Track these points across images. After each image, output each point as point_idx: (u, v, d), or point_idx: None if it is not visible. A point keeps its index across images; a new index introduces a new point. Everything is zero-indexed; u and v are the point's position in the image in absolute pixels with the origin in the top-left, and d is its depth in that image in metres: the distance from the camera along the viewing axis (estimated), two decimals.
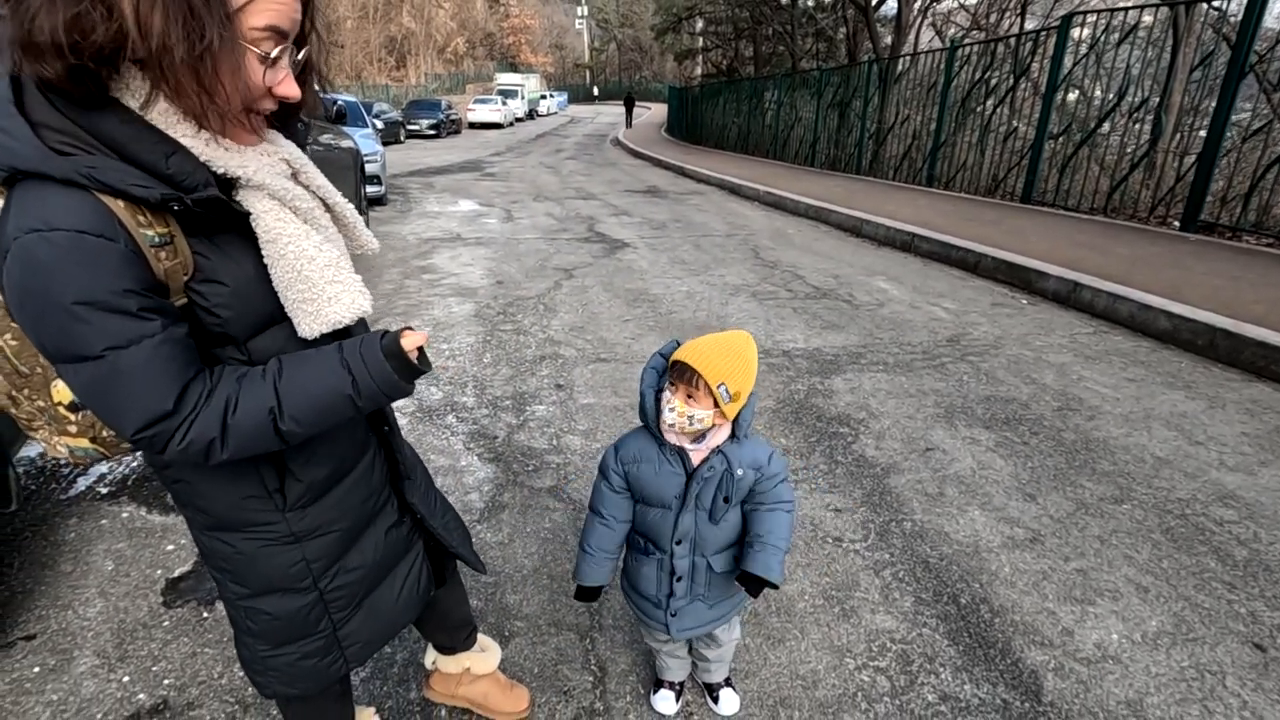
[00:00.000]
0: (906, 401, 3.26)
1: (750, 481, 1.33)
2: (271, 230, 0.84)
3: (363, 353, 0.88)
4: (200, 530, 1.01)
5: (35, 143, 0.70)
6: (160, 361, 0.77)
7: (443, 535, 1.27)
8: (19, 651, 1.70)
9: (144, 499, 2.33)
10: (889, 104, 11.27)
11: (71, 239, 0.70)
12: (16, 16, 0.66)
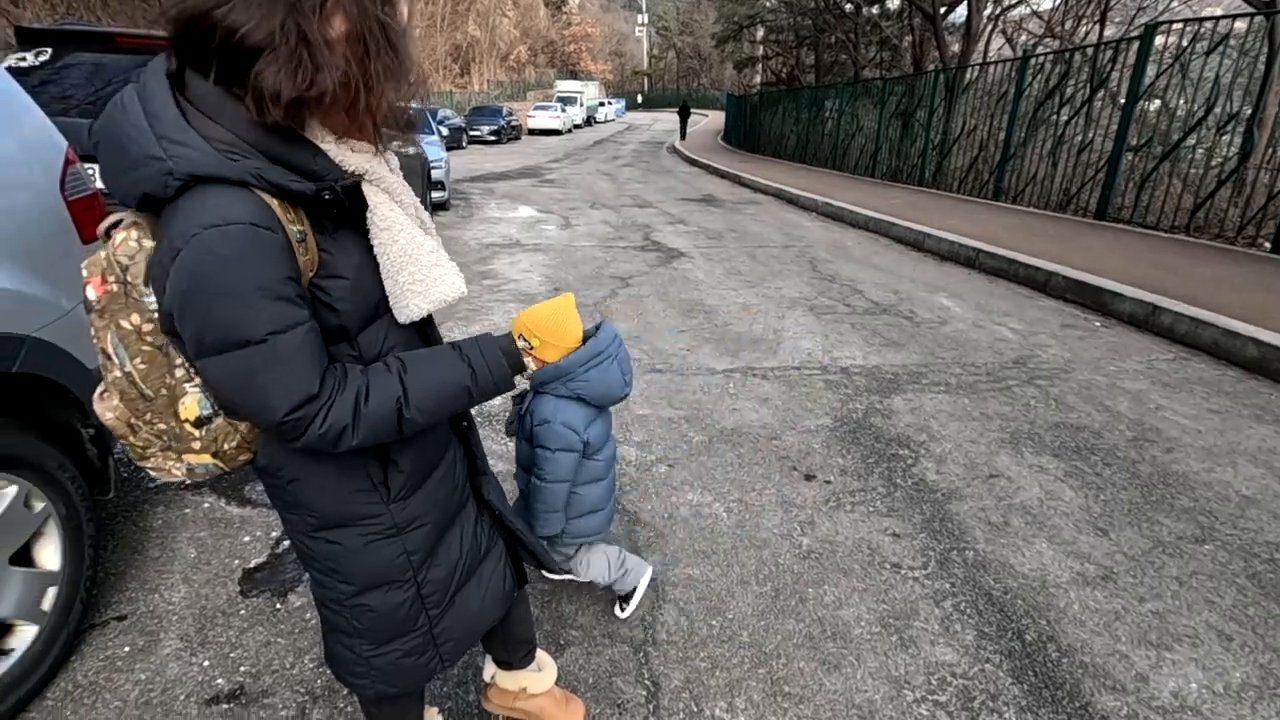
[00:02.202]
0: (969, 425, 3.17)
1: (529, 426, 1.66)
2: (387, 219, 0.94)
3: (481, 348, 1.02)
4: (306, 534, 1.07)
5: (211, 152, 0.81)
6: (308, 347, 0.86)
7: (521, 531, 1.32)
8: (112, 631, 1.81)
9: (223, 491, 2.46)
10: (955, 114, 10.98)
11: (247, 231, 0.80)
12: (261, 82, 0.79)
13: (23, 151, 1.68)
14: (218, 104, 0.83)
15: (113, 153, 0.83)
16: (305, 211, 0.88)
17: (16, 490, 1.55)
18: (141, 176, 0.81)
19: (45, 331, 1.60)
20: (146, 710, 1.59)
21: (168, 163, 0.79)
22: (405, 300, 0.97)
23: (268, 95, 0.79)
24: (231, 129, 0.83)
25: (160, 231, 0.84)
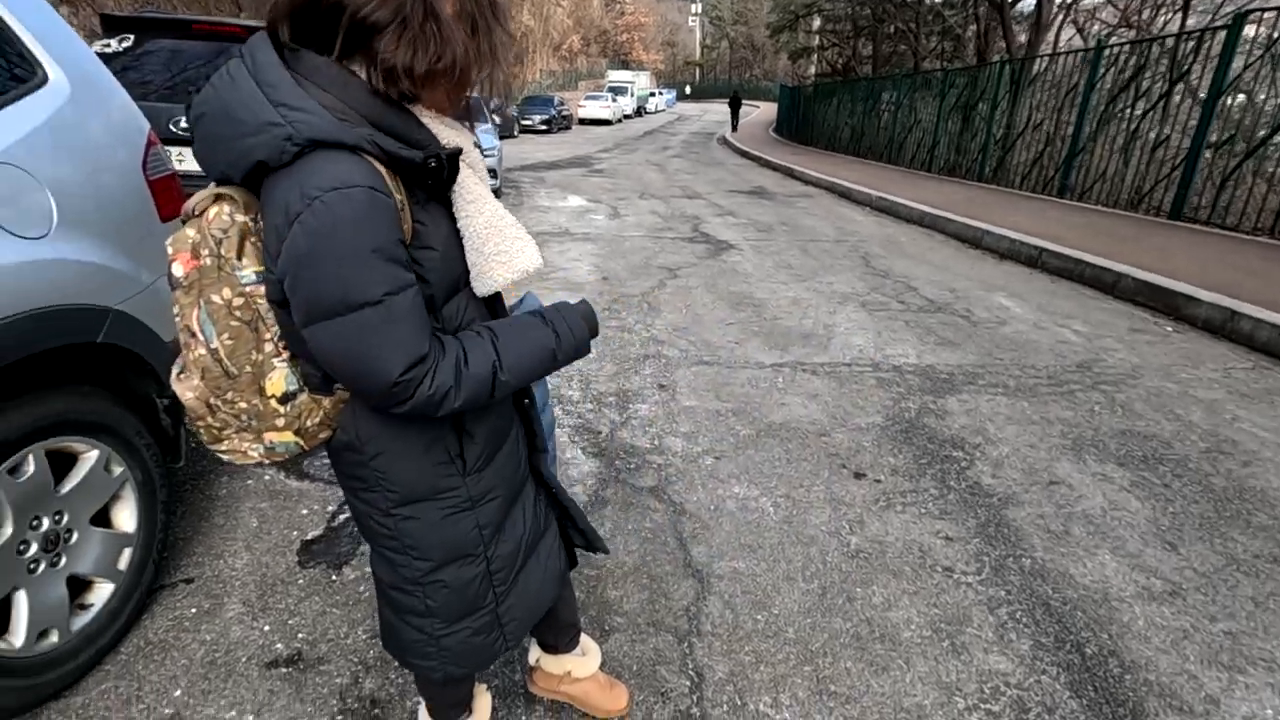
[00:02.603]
0: (1029, 429, 3.06)
1: None
2: (473, 191, 0.98)
3: (562, 314, 1.08)
4: (385, 512, 1.08)
5: (330, 118, 0.83)
6: (418, 309, 0.89)
7: (574, 511, 1.34)
8: (180, 592, 1.90)
9: (282, 465, 2.55)
10: (1020, 107, 10.57)
11: (367, 194, 0.83)
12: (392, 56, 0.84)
13: (110, 133, 1.76)
14: (334, 76, 0.86)
15: (221, 123, 0.85)
16: (402, 181, 0.90)
17: (98, 454, 1.63)
18: (256, 144, 0.82)
19: (127, 304, 1.67)
20: (211, 670, 1.66)
21: (287, 128, 0.81)
22: (489, 271, 0.99)
23: (399, 68, 0.84)
24: (343, 99, 0.85)
25: (265, 200, 0.86)
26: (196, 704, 1.57)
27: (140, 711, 1.54)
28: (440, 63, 0.85)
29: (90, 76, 1.75)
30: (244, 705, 1.57)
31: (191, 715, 1.54)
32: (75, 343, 1.53)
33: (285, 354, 0.95)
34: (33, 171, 1.48)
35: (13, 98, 1.52)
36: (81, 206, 1.59)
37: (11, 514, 1.42)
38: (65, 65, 1.68)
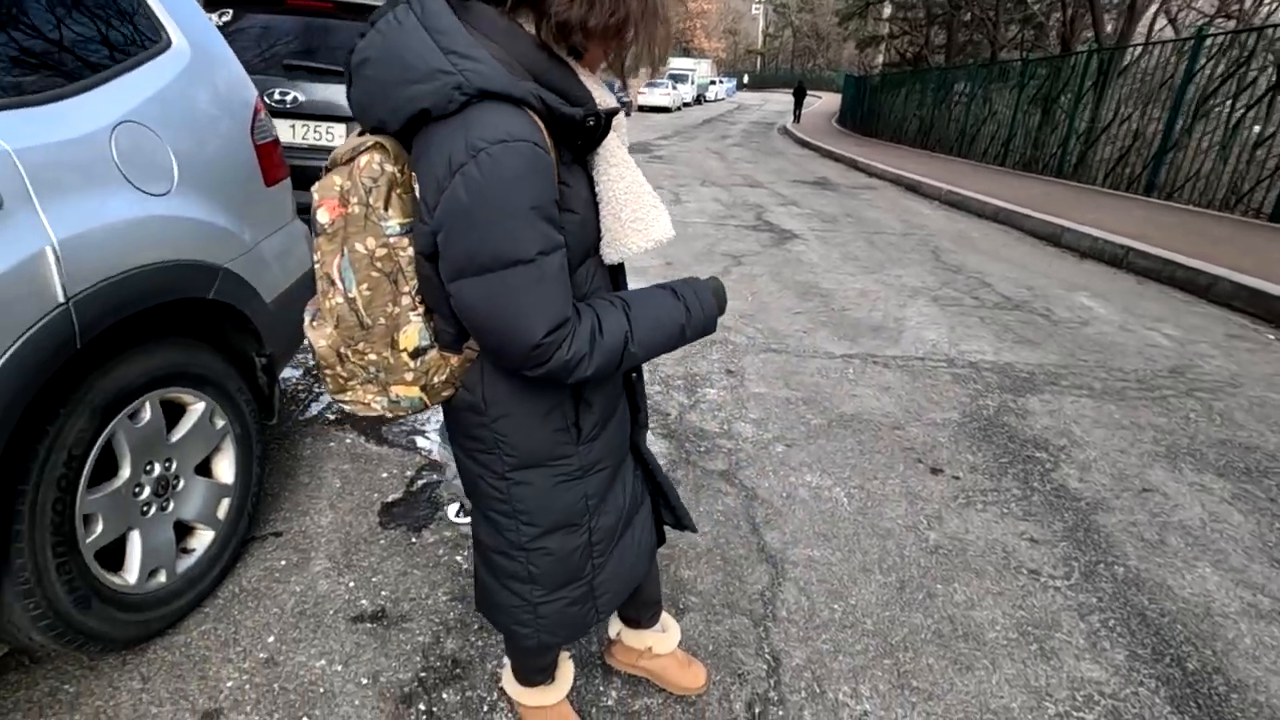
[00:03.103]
0: (1117, 433, 2.91)
1: None
2: (616, 155, 0.96)
3: (694, 289, 1.05)
4: (500, 476, 1.08)
5: (502, 69, 0.81)
6: (564, 272, 0.88)
7: (668, 488, 1.33)
8: (270, 545, 1.97)
9: (362, 429, 2.62)
10: (1106, 100, 10.04)
11: (531, 149, 0.81)
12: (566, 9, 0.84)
13: (223, 97, 1.82)
14: (503, 27, 0.85)
15: (386, 68, 0.83)
16: (554, 140, 0.88)
17: (204, 407, 1.70)
18: (423, 91, 0.80)
19: (234, 264, 1.73)
20: (301, 619, 1.72)
21: (457, 76, 0.79)
22: (624, 238, 0.97)
23: (574, 22, 0.84)
24: (511, 51, 0.85)
25: (422, 150, 0.84)
26: (289, 650, 1.63)
27: (237, 654, 1.61)
28: (613, 18, 0.85)
29: (207, 42, 1.81)
30: (333, 655, 1.62)
31: (285, 661, 1.60)
32: (190, 297, 1.59)
33: (421, 308, 0.95)
34: (158, 131, 1.54)
35: (142, 59, 1.58)
36: (198, 167, 1.65)
37: (130, 457, 1.49)
38: (186, 31, 1.74)
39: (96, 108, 1.41)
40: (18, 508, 1.26)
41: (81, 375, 1.36)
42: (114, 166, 1.41)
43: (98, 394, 1.38)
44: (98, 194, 1.36)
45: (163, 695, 1.49)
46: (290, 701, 1.50)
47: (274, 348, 1.95)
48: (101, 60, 1.50)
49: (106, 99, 1.45)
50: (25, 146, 1.22)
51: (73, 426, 1.34)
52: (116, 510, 1.48)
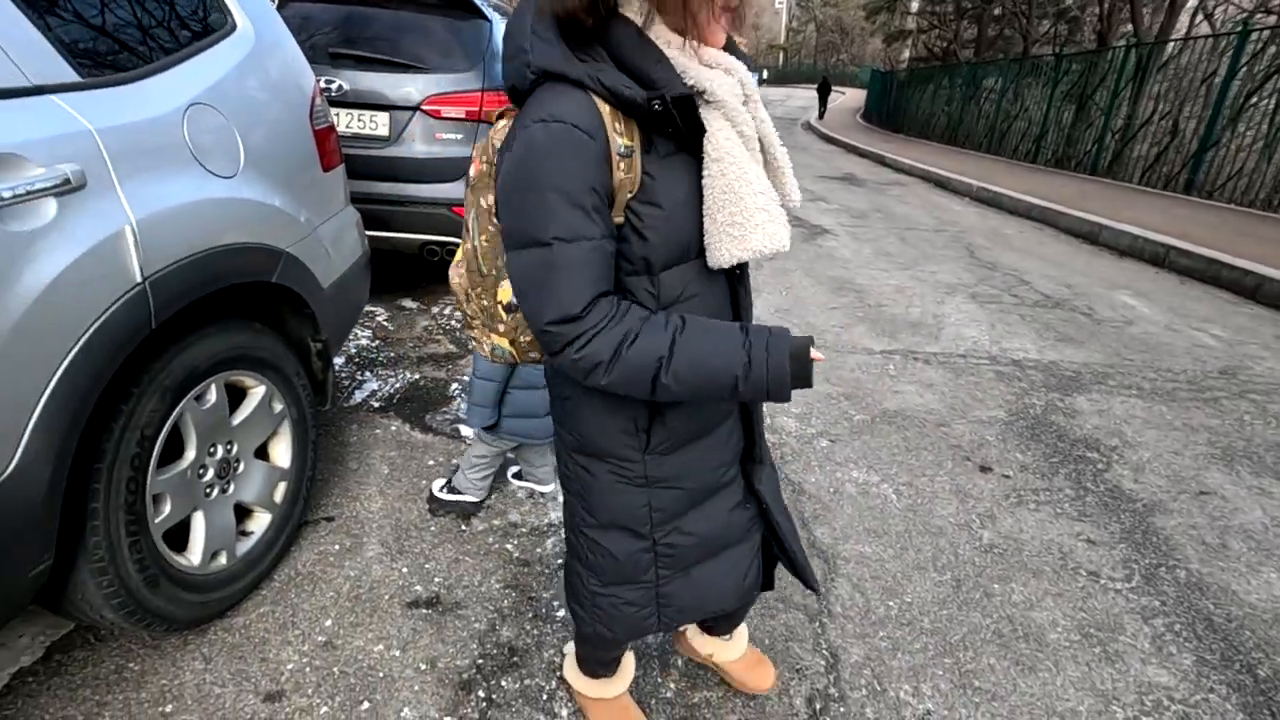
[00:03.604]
0: (1170, 435, 2.84)
1: None
2: (720, 148, 0.86)
3: (770, 342, 0.88)
4: (567, 453, 1.09)
5: (563, 49, 0.81)
6: (586, 266, 0.82)
7: (784, 532, 1.21)
8: (323, 529, 1.98)
9: (407, 416, 2.63)
10: (1144, 96, 9.82)
11: (567, 131, 0.79)
12: None
13: (284, 81, 1.82)
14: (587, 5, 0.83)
15: (506, 43, 0.89)
16: (640, 127, 0.84)
17: (265, 390, 1.71)
18: (513, 68, 0.85)
19: (295, 248, 1.74)
20: (357, 604, 1.72)
21: (529, 55, 0.81)
22: (719, 243, 0.89)
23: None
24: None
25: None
26: (347, 635, 1.63)
27: (296, 636, 1.62)
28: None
29: (269, 26, 1.82)
30: (390, 640, 1.62)
31: (343, 645, 1.60)
32: (255, 281, 1.59)
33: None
34: (226, 114, 1.54)
35: (210, 42, 1.58)
36: (262, 150, 1.65)
37: (196, 439, 1.50)
38: (250, 14, 1.75)
39: (170, 89, 1.42)
40: (94, 486, 1.27)
41: (154, 356, 1.36)
42: (186, 148, 1.41)
43: (169, 375, 1.38)
44: (171, 175, 1.36)
45: (225, 676, 1.50)
46: (350, 685, 1.50)
47: (329, 333, 1.95)
48: (173, 42, 1.51)
49: (179, 80, 1.45)
50: (106, 126, 1.23)
51: (145, 406, 1.35)
52: (183, 491, 1.49)
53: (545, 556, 1.94)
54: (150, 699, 1.43)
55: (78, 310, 1.15)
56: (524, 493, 2.22)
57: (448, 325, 3.57)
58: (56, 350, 1.12)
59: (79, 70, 1.24)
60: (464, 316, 1.10)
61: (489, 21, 3.66)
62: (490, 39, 3.60)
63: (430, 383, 2.91)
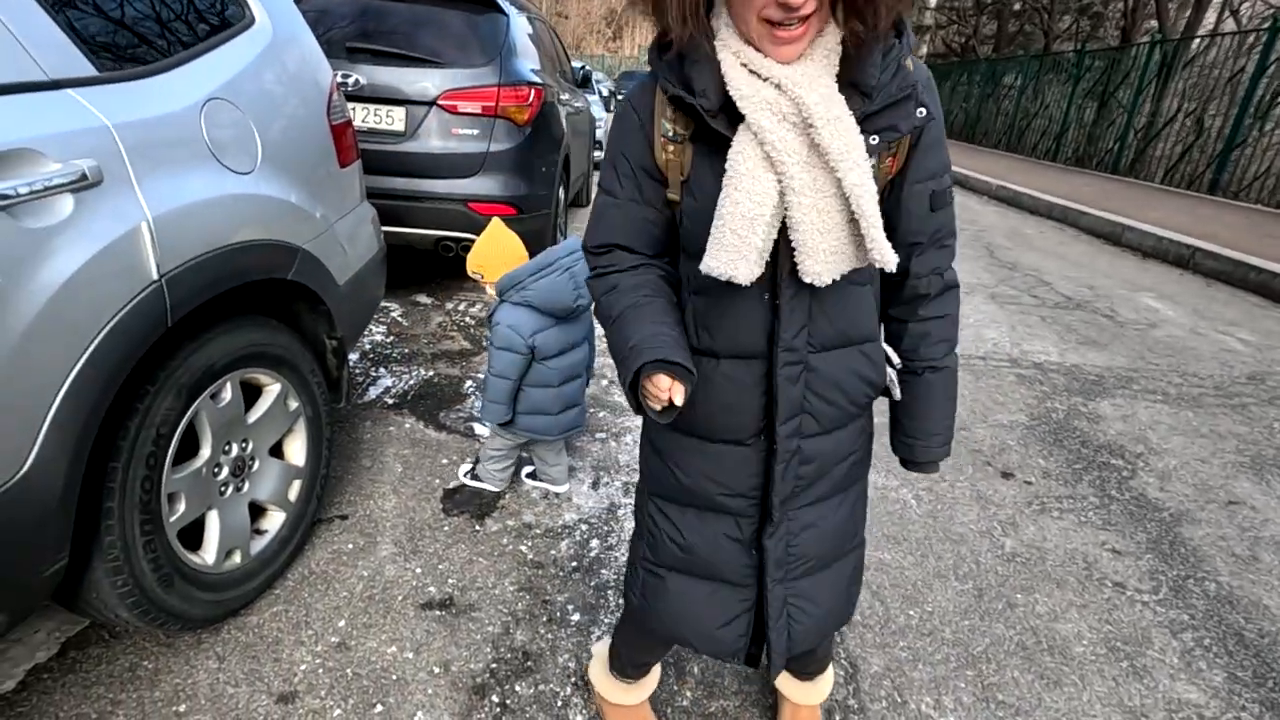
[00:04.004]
0: (1197, 441, 2.78)
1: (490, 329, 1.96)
2: (732, 164, 0.84)
3: (628, 361, 0.90)
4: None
5: (654, 51, 0.91)
6: (610, 217, 1.00)
7: (769, 612, 1.08)
8: (336, 528, 1.97)
9: (421, 413, 2.61)
10: (1168, 94, 9.64)
11: (624, 107, 0.97)
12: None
13: (302, 76, 1.80)
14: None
15: None
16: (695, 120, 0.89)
17: (280, 388, 1.70)
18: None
19: (311, 245, 1.72)
20: (371, 604, 1.71)
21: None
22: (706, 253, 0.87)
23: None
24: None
25: None
26: (360, 636, 1.62)
27: (309, 636, 1.60)
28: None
29: (287, 20, 1.80)
30: (403, 642, 1.61)
31: (356, 646, 1.59)
32: (271, 278, 1.57)
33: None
34: (243, 109, 1.52)
35: (227, 37, 1.57)
36: (279, 145, 1.63)
37: (211, 437, 1.49)
38: (268, 7, 1.73)
39: (188, 84, 1.40)
40: (109, 484, 1.26)
41: (170, 354, 1.35)
42: (204, 143, 1.39)
43: (185, 372, 1.37)
44: (189, 171, 1.34)
45: (238, 675, 1.49)
46: (364, 688, 1.49)
47: (344, 330, 1.94)
48: (190, 36, 1.49)
49: (196, 75, 1.43)
50: (123, 122, 1.21)
51: (160, 405, 1.33)
52: (198, 490, 1.48)
53: (560, 559, 1.92)
54: (164, 698, 1.43)
55: (93, 308, 1.14)
56: (538, 493, 2.20)
57: (462, 321, 3.56)
58: (72, 348, 1.11)
59: (96, 64, 1.22)
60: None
61: (506, 16, 3.64)
62: (508, 33, 3.57)
63: (444, 380, 2.90)
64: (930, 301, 1.02)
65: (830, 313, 0.95)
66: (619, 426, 2.64)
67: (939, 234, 0.99)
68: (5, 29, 1.08)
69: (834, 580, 1.15)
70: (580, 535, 2.02)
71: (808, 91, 0.80)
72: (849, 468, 1.10)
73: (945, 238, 1.00)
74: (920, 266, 1.00)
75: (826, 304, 0.94)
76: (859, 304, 0.98)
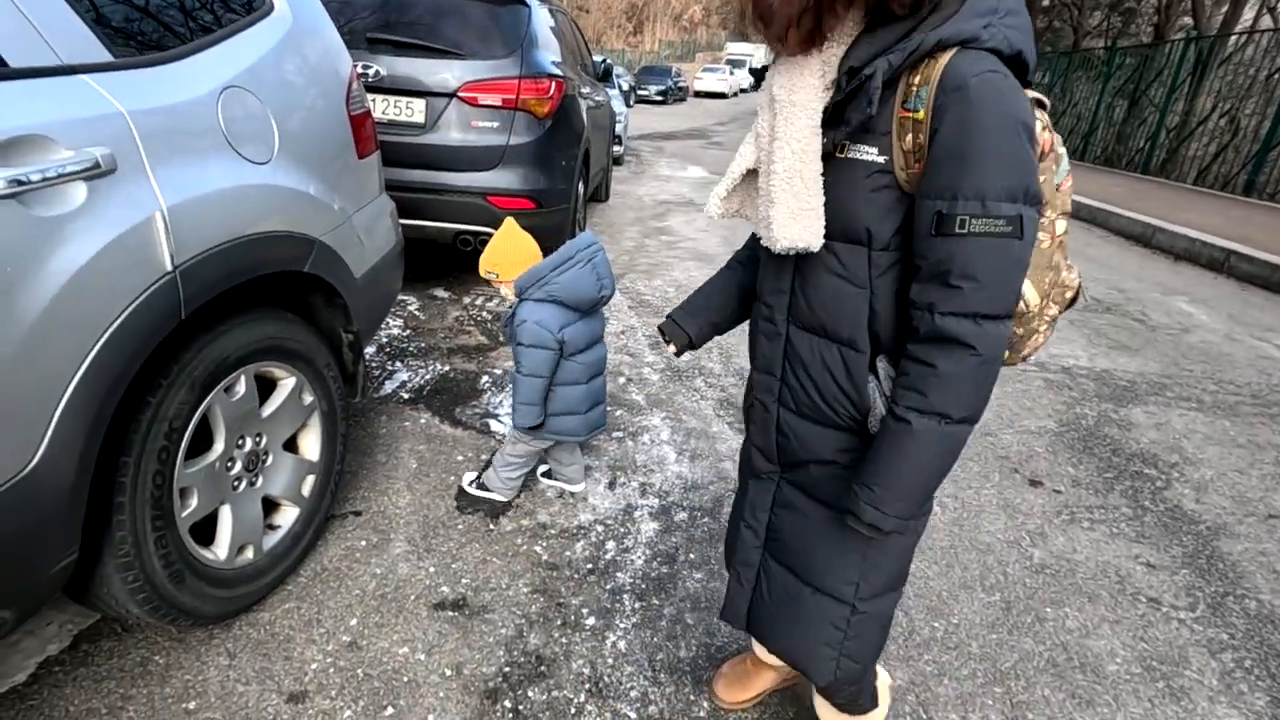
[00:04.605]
0: (1235, 452, 2.68)
1: (513, 329, 1.91)
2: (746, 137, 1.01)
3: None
4: None
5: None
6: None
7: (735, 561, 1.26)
8: (350, 524, 1.95)
9: (436, 409, 2.59)
10: (1202, 93, 9.39)
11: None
12: None
13: (321, 65, 1.77)
14: None
15: None
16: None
17: (295, 382, 1.67)
18: None
19: (328, 237, 1.69)
20: (383, 603, 1.68)
21: None
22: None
23: None
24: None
25: None
26: (372, 635, 1.59)
27: (320, 635, 1.58)
28: None
29: (308, 9, 1.77)
30: (415, 643, 1.58)
31: (368, 645, 1.56)
32: (288, 270, 1.55)
33: None
34: (261, 97, 1.49)
35: (246, 24, 1.54)
36: (297, 135, 1.60)
37: (225, 431, 1.47)
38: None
39: (205, 71, 1.37)
40: (120, 479, 1.24)
41: (184, 346, 1.33)
42: (220, 132, 1.36)
43: (199, 365, 1.35)
44: (205, 160, 1.32)
45: (249, 673, 1.47)
46: (375, 689, 1.46)
47: (360, 324, 1.91)
48: (209, 22, 1.46)
49: (214, 62, 1.41)
50: (139, 109, 1.18)
51: (173, 398, 1.31)
52: (210, 484, 1.46)
53: (575, 561, 1.88)
54: (174, 694, 1.41)
55: (106, 299, 1.11)
56: (553, 492, 2.17)
57: (479, 316, 3.54)
58: (83, 340, 1.08)
59: (112, 50, 1.20)
60: (1019, 337, 0.99)
61: (528, 7, 3.60)
62: (529, 25, 3.53)
63: (460, 375, 2.87)
64: (916, 341, 0.88)
65: (808, 292, 0.99)
66: (636, 425, 2.60)
67: (943, 266, 0.83)
68: (19, 13, 1.06)
69: (802, 610, 1.13)
70: (596, 537, 1.98)
71: (779, 78, 0.90)
72: (837, 484, 1.04)
73: (953, 276, 0.82)
74: (916, 294, 0.87)
75: (807, 281, 0.99)
76: (840, 299, 0.96)
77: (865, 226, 0.90)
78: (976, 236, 0.81)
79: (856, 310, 0.94)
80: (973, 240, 0.81)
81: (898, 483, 0.91)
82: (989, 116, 0.79)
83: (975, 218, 0.80)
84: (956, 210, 0.81)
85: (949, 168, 0.81)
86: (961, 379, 0.85)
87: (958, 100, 0.79)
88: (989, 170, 0.79)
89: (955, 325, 0.83)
